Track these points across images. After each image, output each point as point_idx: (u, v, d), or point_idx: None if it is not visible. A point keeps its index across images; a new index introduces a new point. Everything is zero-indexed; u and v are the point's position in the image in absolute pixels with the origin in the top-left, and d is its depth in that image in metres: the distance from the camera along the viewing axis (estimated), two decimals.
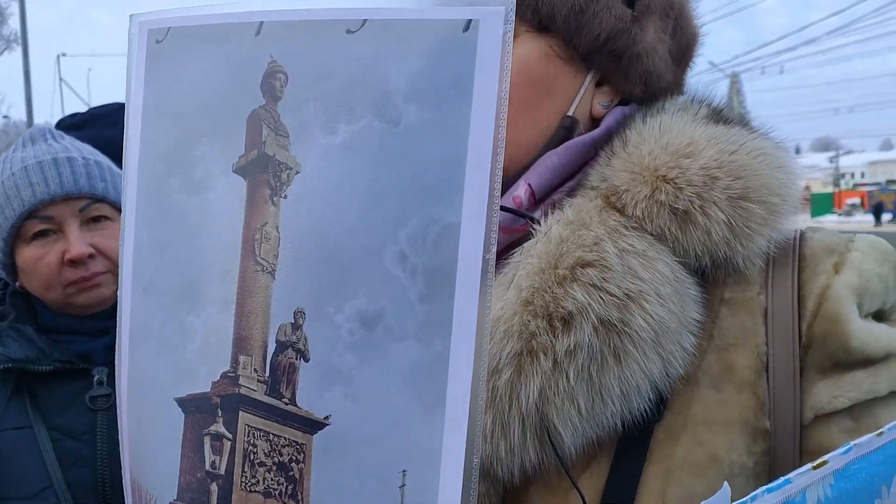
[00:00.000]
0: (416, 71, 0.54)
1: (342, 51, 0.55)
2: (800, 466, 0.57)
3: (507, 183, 0.78)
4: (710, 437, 0.73)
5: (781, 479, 0.58)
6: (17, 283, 1.49)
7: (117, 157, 1.49)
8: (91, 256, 1.39)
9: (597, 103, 0.84)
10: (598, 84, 0.83)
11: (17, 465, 1.37)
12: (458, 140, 0.53)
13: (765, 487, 0.58)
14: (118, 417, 0.67)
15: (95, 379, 1.43)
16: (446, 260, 0.53)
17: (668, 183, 0.74)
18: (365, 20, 0.55)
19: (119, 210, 1.45)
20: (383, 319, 0.55)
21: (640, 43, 0.80)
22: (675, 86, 0.88)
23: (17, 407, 1.40)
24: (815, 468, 0.57)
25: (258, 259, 0.58)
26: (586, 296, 0.70)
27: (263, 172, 0.58)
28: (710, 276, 0.75)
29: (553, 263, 0.72)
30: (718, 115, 0.82)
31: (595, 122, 0.84)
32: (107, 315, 1.47)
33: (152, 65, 0.64)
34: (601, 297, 0.70)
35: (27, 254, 1.42)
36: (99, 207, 1.43)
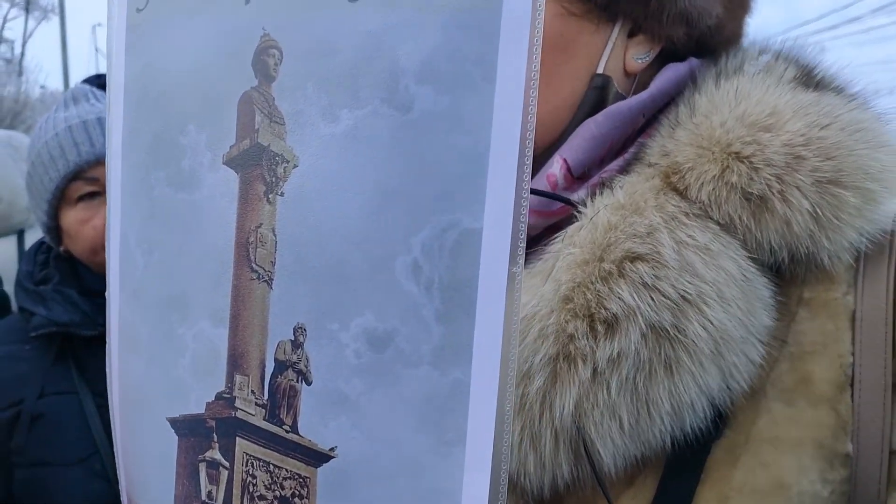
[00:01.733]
0: (430, 47, 0.45)
1: (345, 23, 0.46)
2: (886, 499, 0.48)
3: (538, 160, 0.68)
4: (777, 458, 0.62)
5: None
6: (60, 247, 1.47)
7: None
8: None
9: (631, 57, 0.71)
10: (630, 34, 0.70)
11: (62, 430, 1.36)
12: (479, 130, 0.44)
13: None
14: (112, 430, 0.61)
15: None
16: (466, 272, 0.45)
17: (743, 162, 0.62)
18: None
19: None
20: (394, 341, 0.47)
21: None
22: (731, 21, 0.74)
23: (62, 372, 1.40)
24: None
25: (253, 266, 0.50)
26: (635, 296, 0.60)
27: (257, 165, 0.50)
28: (788, 273, 0.64)
29: (598, 255, 0.61)
30: (809, 78, 0.68)
31: (631, 78, 0.72)
32: None
33: (133, 37, 0.56)
34: (652, 299, 0.59)
35: (72, 216, 1.39)
36: None
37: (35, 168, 1.39)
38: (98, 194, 1.37)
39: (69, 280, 1.43)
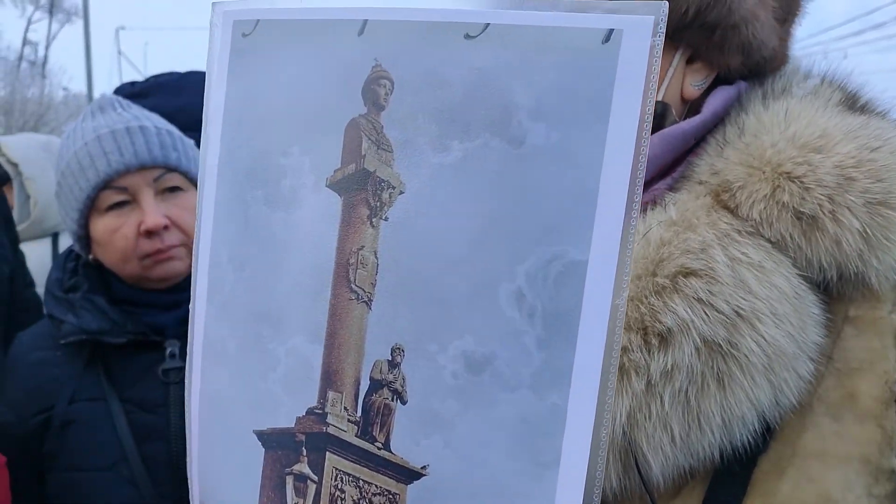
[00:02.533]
0: (544, 86, 0.47)
1: (459, 58, 0.49)
2: None
3: None
4: (824, 472, 0.64)
5: None
6: (90, 256, 1.48)
7: (183, 128, 1.46)
8: (166, 228, 1.36)
9: (689, 84, 0.73)
10: (689, 61, 0.72)
11: (92, 436, 1.36)
12: (590, 167, 0.46)
13: None
14: (187, 441, 0.62)
15: (168, 352, 1.41)
16: (570, 302, 0.47)
17: (794, 182, 0.63)
18: (487, 24, 0.48)
19: (191, 181, 1.42)
20: (493, 364, 0.48)
21: (736, 12, 0.69)
22: (781, 50, 0.77)
23: (91, 378, 1.40)
24: None
25: (353, 286, 0.52)
26: (689, 311, 0.61)
27: (362, 190, 0.52)
28: (835, 290, 0.65)
29: (651, 270, 0.63)
30: (854, 102, 0.71)
31: (686, 103, 0.74)
32: (179, 288, 1.45)
33: (237, 60, 0.58)
34: (706, 314, 0.61)
35: (102, 225, 1.39)
36: (172, 178, 1.40)
37: (65, 178, 1.39)
38: (127, 203, 1.37)
39: (98, 288, 1.43)
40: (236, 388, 0.57)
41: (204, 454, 0.61)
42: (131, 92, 1.84)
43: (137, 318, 1.42)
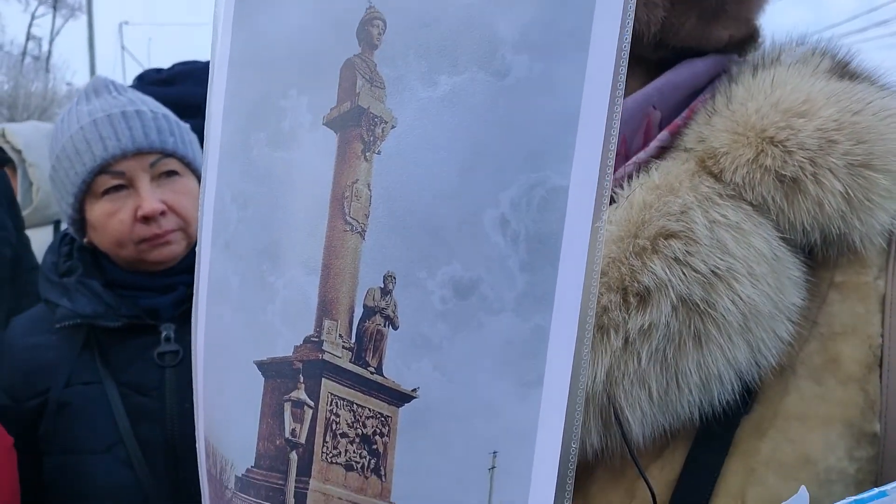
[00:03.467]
0: (527, 20, 0.49)
1: None
2: None
3: None
4: (804, 434, 0.64)
5: (875, 490, 0.52)
6: (84, 240, 1.49)
7: None
8: (163, 213, 1.38)
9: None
10: None
11: (88, 420, 1.39)
12: (570, 95, 0.48)
13: (853, 497, 0.52)
14: (193, 378, 0.65)
15: (163, 335, 1.43)
16: (552, 226, 0.49)
17: (777, 146, 0.64)
18: None
19: (187, 165, 1.45)
20: (479, 288, 0.50)
21: None
22: (743, 21, 0.76)
23: (87, 362, 1.42)
24: None
25: (347, 218, 0.54)
26: (667, 271, 0.62)
27: (356, 126, 0.54)
28: (820, 255, 0.66)
29: (633, 232, 0.64)
30: (844, 69, 0.72)
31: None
32: (173, 272, 1.47)
33: (241, 11, 0.61)
34: (683, 273, 0.62)
35: (98, 210, 1.41)
36: (168, 162, 1.41)
37: (60, 161, 1.40)
38: (123, 187, 1.39)
39: (93, 272, 1.45)
40: (238, 323, 0.60)
41: (208, 389, 0.63)
42: (158, 79, 1.87)
43: (132, 302, 1.44)
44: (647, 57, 0.75)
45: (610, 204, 0.65)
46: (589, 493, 0.68)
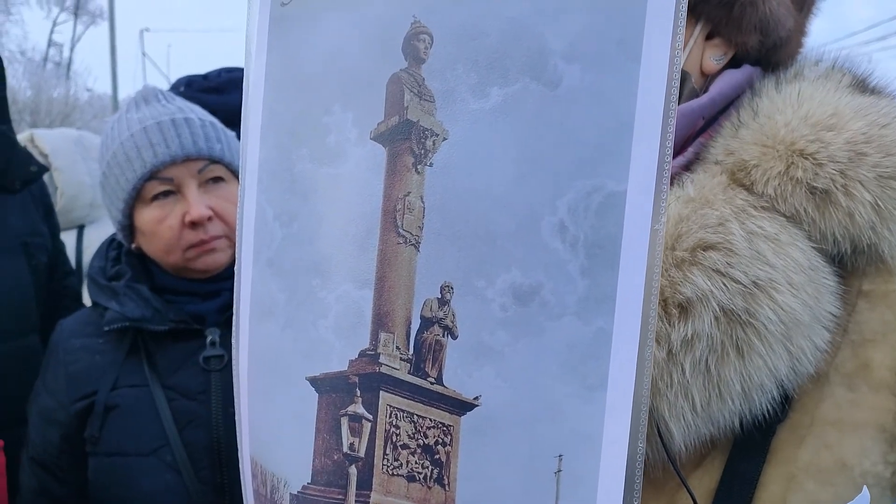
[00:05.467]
0: (577, 29, 0.50)
1: (494, 8, 0.52)
2: None
3: None
4: (840, 440, 0.66)
5: None
6: (132, 245, 1.50)
7: None
8: (210, 219, 1.39)
9: (708, 58, 0.76)
10: (709, 37, 0.76)
11: (135, 422, 1.39)
12: (625, 103, 0.49)
13: None
14: (235, 398, 0.65)
15: (208, 340, 1.44)
16: (611, 231, 0.50)
17: (807, 158, 0.67)
18: None
19: (233, 172, 1.45)
20: (539, 294, 0.51)
21: None
22: (797, 34, 0.81)
23: (134, 366, 1.43)
24: None
25: (401, 231, 0.54)
26: (707, 282, 0.64)
27: (406, 140, 0.55)
28: (849, 264, 0.68)
29: (670, 244, 0.66)
30: (864, 85, 0.74)
31: (705, 78, 0.77)
32: (219, 278, 1.49)
33: (276, 30, 0.61)
34: (725, 284, 0.64)
35: (147, 215, 1.42)
36: (215, 169, 1.43)
37: (111, 168, 1.41)
38: (171, 193, 1.40)
39: (141, 276, 1.46)
40: (287, 339, 0.59)
41: (254, 409, 0.63)
42: (206, 86, 1.86)
43: (179, 307, 1.45)
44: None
45: None
46: None
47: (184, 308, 1.45)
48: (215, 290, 1.48)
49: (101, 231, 2.79)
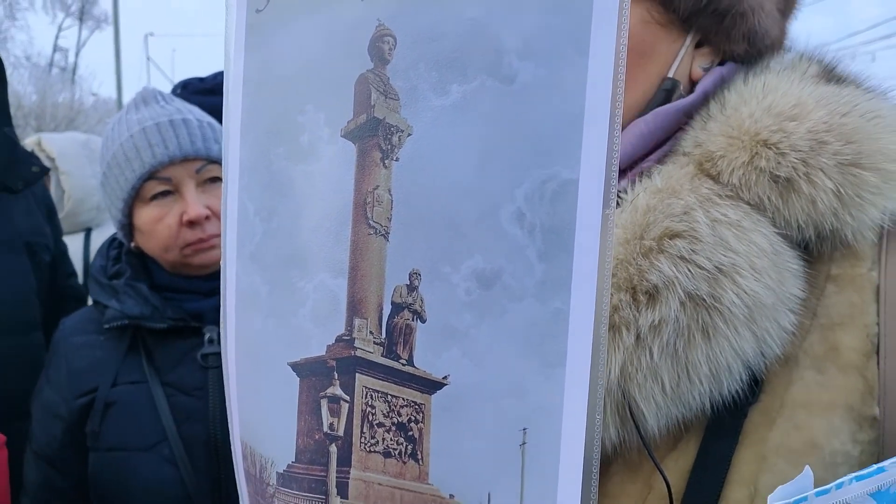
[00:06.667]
0: (529, 28, 0.53)
1: (453, 11, 0.55)
2: None
3: None
4: (809, 421, 0.68)
5: (874, 466, 0.55)
6: (132, 244, 1.54)
7: None
8: (207, 218, 1.43)
9: (697, 66, 0.79)
10: (698, 45, 0.79)
11: (134, 417, 1.44)
12: (575, 96, 0.53)
13: (854, 475, 0.55)
14: (225, 384, 0.68)
15: (206, 337, 1.48)
16: (565, 217, 0.53)
17: (770, 148, 0.69)
18: None
19: None
20: (501, 278, 0.55)
21: (745, 1, 0.75)
22: (780, 40, 0.83)
23: (133, 362, 1.47)
24: None
25: (371, 222, 0.58)
26: (673, 268, 0.66)
27: (373, 136, 0.58)
28: (816, 250, 0.70)
29: (639, 234, 0.68)
30: (830, 74, 0.76)
31: (693, 84, 0.80)
32: (218, 275, 1.52)
33: (252, 35, 0.64)
34: (689, 271, 0.66)
35: (146, 214, 1.47)
36: (212, 169, 1.48)
37: (111, 168, 1.46)
38: (170, 193, 1.44)
39: (140, 275, 1.51)
40: (270, 328, 0.63)
41: (243, 394, 0.67)
42: (202, 88, 1.91)
43: (177, 305, 1.49)
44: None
45: (616, 207, 0.70)
46: (608, 487, 0.71)
47: (182, 306, 1.49)
48: (214, 288, 1.52)
49: (108, 234, 2.85)
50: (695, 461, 0.69)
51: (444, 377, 0.56)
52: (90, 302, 1.56)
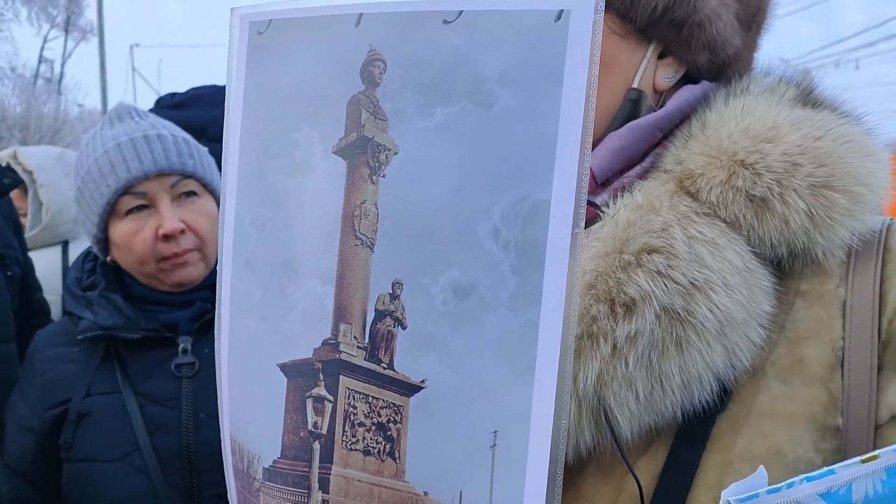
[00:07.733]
0: (509, 58, 0.57)
1: (439, 40, 0.59)
2: None
3: None
4: (774, 429, 0.71)
5: (824, 468, 0.58)
6: (108, 258, 1.56)
7: (215, 139, 1.56)
8: (182, 232, 1.45)
9: (660, 76, 0.81)
10: (661, 56, 0.81)
11: (107, 428, 1.44)
12: (549, 122, 0.57)
13: (805, 476, 0.58)
14: (217, 383, 0.72)
15: (180, 347, 1.49)
16: (537, 234, 0.57)
17: (747, 168, 0.72)
18: (461, 11, 0.59)
19: (205, 186, 1.52)
20: (476, 290, 0.58)
21: (700, 10, 0.78)
22: (747, 51, 0.85)
23: (107, 373, 1.48)
24: (863, 462, 0.56)
25: (358, 234, 0.62)
26: (650, 283, 0.68)
27: (363, 153, 0.62)
28: (787, 266, 0.73)
29: (618, 248, 0.71)
30: (808, 97, 0.79)
31: (659, 94, 0.82)
32: (193, 288, 1.53)
33: (253, 55, 0.69)
34: (665, 285, 0.68)
35: (121, 229, 1.48)
36: (187, 183, 1.49)
37: (86, 183, 1.47)
38: (145, 207, 1.46)
39: (114, 287, 1.52)
40: (262, 331, 0.67)
41: (234, 393, 0.71)
42: (172, 103, 1.95)
43: (151, 316, 1.50)
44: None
45: (596, 222, 0.74)
46: (581, 488, 0.74)
47: (156, 317, 1.50)
48: (188, 299, 1.53)
49: (85, 247, 2.88)
50: (664, 465, 0.72)
51: (422, 381, 0.60)
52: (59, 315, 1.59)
